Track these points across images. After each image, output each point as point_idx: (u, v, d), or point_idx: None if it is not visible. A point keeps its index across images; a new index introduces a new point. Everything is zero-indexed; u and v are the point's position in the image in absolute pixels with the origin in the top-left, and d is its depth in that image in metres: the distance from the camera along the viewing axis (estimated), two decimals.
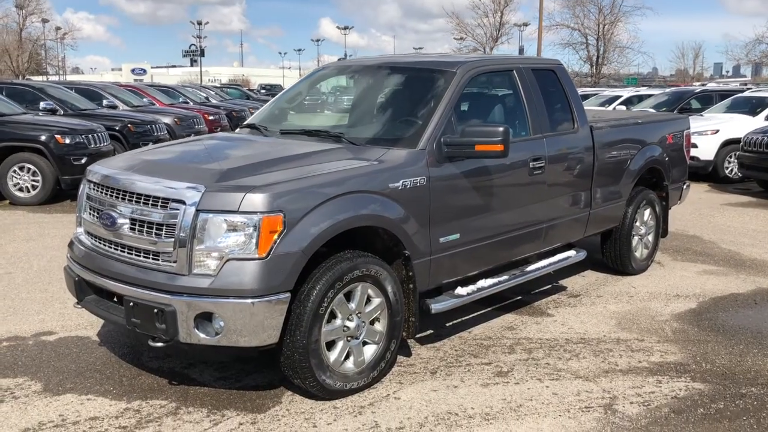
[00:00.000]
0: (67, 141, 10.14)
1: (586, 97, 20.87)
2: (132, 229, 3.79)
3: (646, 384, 4.24)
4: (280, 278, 3.58)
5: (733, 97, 15.02)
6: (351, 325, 3.95)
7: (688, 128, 7.22)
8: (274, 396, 4.00)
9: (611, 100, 20.30)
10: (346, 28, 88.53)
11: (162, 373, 4.28)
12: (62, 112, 12.53)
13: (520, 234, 5.07)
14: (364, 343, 4.06)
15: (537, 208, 5.17)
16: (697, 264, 7.10)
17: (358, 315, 3.98)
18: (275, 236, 3.53)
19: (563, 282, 6.35)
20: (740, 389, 4.19)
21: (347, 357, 3.99)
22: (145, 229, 3.73)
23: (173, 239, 3.60)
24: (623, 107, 18.39)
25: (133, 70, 77.61)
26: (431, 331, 5.04)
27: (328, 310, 3.79)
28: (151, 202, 3.72)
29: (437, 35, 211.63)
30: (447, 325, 5.19)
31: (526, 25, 52.25)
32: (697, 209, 10.25)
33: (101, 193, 4.02)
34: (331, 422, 3.70)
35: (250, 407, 3.86)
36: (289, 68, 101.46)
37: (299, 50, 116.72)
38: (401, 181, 4.12)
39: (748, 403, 4.01)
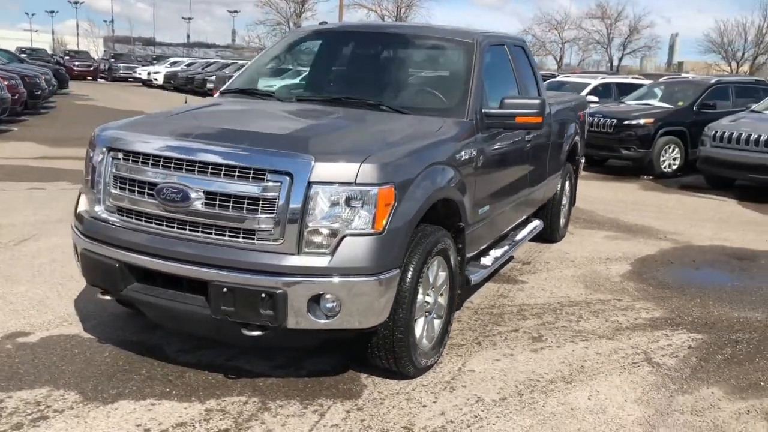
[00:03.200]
0: None
1: None
2: (210, 205, 3.29)
3: (659, 338, 4.65)
4: (394, 254, 3.37)
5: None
6: (430, 300, 3.84)
7: (587, 107, 7.90)
8: (351, 381, 3.76)
9: None
10: None
11: (206, 367, 3.80)
12: None
13: (517, 204, 5.25)
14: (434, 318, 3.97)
15: (525, 179, 5.38)
16: (596, 231, 7.82)
17: (433, 289, 3.87)
18: (389, 209, 3.31)
19: None
20: (731, 336, 4.77)
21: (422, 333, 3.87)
22: (230, 204, 3.27)
23: (273, 215, 3.21)
24: None
25: None
26: None
27: (420, 286, 3.65)
28: (237, 173, 3.26)
29: (199, 6, 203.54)
30: None
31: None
32: None
33: (155, 165, 3.42)
34: (435, 400, 3.58)
35: (338, 394, 3.59)
36: (37, 31, 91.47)
37: (52, 12, 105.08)
38: (463, 152, 4.06)
39: (750, 346, 4.58)
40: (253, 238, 3.26)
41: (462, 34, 4.87)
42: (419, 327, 3.76)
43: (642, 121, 11.92)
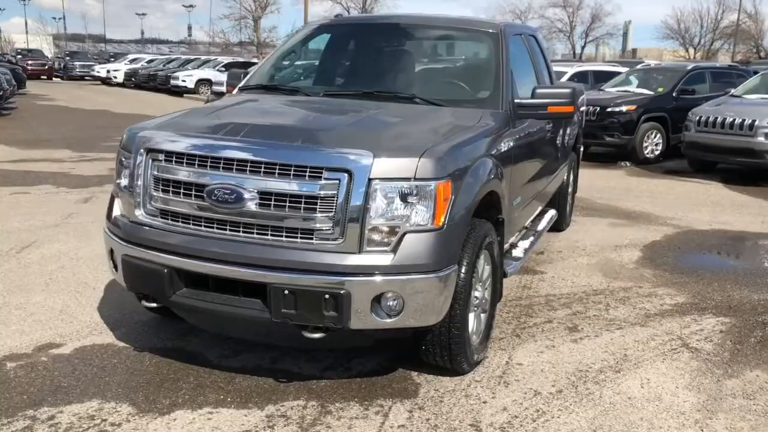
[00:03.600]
0: None
1: None
2: (264, 205, 3.19)
3: (689, 323, 4.68)
4: (452, 250, 3.32)
5: None
6: (479, 294, 3.79)
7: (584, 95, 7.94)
8: (403, 379, 3.70)
9: None
10: None
11: (253, 372, 3.70)
12: None
13: (540, 194, 5.24)
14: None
15: (546, 169, 5.37)
16: (597, 218, 7.87)
17: (480, 283, 3.83)
18: (447, 204, 3.25)
19: None
20: (757, 318, 4.82)
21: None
22: (287, 204, 3.17)
23: (332, 213, 3.12)
24: None
25: None
26: None
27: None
28: (293, 172, 3.15)
29: (150, 2, 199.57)
30: None
31: None
32: None
33: (201, 166, 3.29)
34: (493, 396, 3.54)
35: (395, 394, 3.53)
36: None
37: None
38: (502, 143, 4.02)
39: None
40: (312, 238, 3.17)
41: (485, 23, 4.82)
42: (471, 322, 3.71)
43: (624, 108, 12.06)
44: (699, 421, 3.39)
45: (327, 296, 3.09)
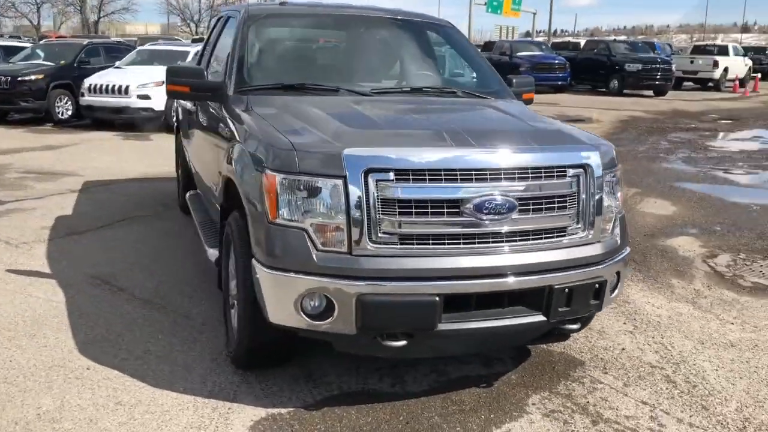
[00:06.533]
0: None
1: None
2: (523, 210, 3.15)
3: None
4: None
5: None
6: None
7: None
8: (549, 354, 3.98)
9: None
10: None
11: (443, 388, 3.59)
12: None
13: None
14: None
15: None
16: None
17: None
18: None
19: None
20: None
21: None
22: (543, 206, 3.21)
23: (577, 209, 3.31)
24: None
25: None
26: None
27: None
28: (543, 174, 3.21)
29: None
30: None
31: None
32: None
33: (450, 180, 3.05)
34: (639, 348, 4.09)
35: (569, 366, 3.86)
36: None
37: None
38: None
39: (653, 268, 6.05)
40: (564, 235, 3.28)
41: (431, 17, 5.06)
42: None
43: (34, 77, 13.87)
44: None
45: (597, 286, 3.29)
